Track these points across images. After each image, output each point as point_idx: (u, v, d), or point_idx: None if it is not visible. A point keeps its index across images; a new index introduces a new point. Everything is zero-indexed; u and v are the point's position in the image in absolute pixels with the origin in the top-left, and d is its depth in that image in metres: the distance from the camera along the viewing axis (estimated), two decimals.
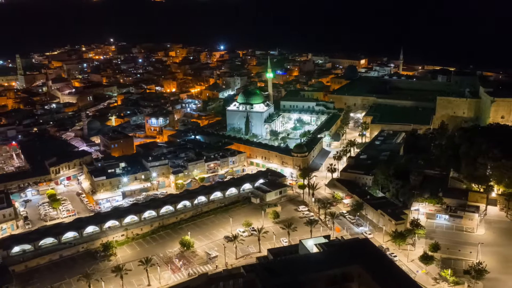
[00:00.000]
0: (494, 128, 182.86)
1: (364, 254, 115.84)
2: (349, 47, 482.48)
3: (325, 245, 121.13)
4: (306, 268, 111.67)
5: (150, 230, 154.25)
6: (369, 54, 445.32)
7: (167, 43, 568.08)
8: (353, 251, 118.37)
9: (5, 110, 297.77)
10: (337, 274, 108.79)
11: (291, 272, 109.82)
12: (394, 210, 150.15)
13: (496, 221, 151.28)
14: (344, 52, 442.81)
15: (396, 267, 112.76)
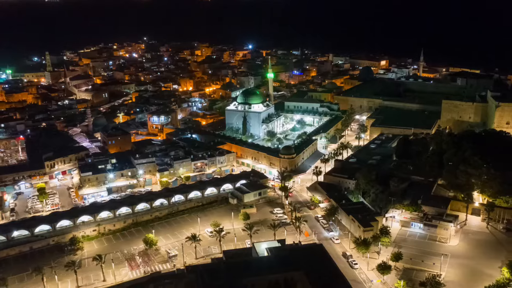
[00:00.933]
0: (485, 134, 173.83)
1: (311, 261, 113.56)
2: (375, 48, 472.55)
3: (276, 250, 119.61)
4: (249, 271, 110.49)
5: (123, 226, 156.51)
6: (394, 55, 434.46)
7: (194, 42, 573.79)
8: (302, 257, 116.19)
9: (24, 105, 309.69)
10: (280, 280, 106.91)
11: (232, 275, 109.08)
12: (366, 216, 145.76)
13: (475, 232, 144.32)
14: (366, 53, 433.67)
15: (340, 276, 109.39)
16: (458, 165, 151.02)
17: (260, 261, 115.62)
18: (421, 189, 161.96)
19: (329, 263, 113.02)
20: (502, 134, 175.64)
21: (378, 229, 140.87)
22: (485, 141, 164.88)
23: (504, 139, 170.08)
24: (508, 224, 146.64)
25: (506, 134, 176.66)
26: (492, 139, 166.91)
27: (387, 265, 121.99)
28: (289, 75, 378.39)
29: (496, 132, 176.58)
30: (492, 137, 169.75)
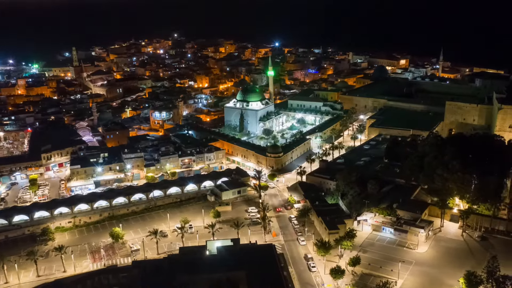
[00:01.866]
0: (476, 138, 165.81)
1: (257, 262, 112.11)
2: (400, 46, 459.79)
3: (225, 249, 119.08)
4: (194, 269, 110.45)
5: (98, 219, 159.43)
6: (418, 54, 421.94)
7: (220, 39, 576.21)
8: (248, 257, 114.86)
9: (40, 98, 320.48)
10: (222, 279, 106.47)
11: (177, 271, 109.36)
12: (334, 219, 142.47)
13: (448, 240, 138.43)
14: (390, 52, 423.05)
15: (281, 278, 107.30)
16: (435, 169, 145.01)
17: (207, 260, 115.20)
18: (403, 192, 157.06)
19: (273, 265, 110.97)
20: (493, 138, 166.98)
21: (344, 232, 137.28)
22: (474, 145, 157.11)
23: (495, 144, 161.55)
24: (486, 232, 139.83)
25: (498, 138, 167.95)
26: (481, 143, 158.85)
27: (340, 270, 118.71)
28: (304, 73, 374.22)
29: (487, 136, 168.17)
30: (482, 141, 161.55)
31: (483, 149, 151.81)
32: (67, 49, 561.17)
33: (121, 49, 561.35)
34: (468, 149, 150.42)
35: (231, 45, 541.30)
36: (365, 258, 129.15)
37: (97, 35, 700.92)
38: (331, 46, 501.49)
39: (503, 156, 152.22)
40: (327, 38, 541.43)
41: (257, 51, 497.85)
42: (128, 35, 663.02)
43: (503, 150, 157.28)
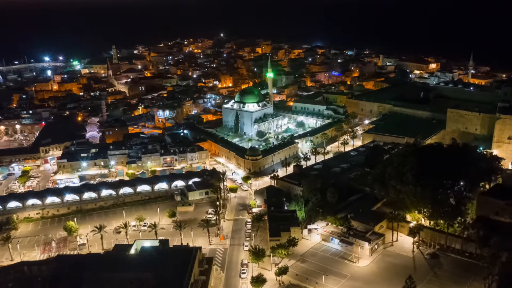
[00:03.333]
0: (456, 149, 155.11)
1: (172, 264, 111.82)
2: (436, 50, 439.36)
3: (147, 249, 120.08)
4: (109, 267, 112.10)
5: (66, 212, 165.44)
6: (453, 59, 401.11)
7: (259, 39, 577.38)
8: (166, 259, 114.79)
9: (65, 94, 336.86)
10: (133, 279, 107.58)
11: (92, 268, 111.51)
12: (280, 226, 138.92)
13: (396, 255, 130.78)
14: (426, 55, 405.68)
15: (181, 282, 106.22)
16: (390, 180, 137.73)
17: (125, 259, 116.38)
18: (369, 202, 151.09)
19: (184, 268, 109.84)
20: (470, 151, 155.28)
21: (286, 239, 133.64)
22: (444, 157, 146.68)
23: (468, 157, 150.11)
24: (440, 250, 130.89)
25: (481, 151, 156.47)
26: (454, 155, 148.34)
27: (261, 278, 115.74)
28: (328, 76, 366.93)
29: (465, 148, 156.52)
30: (456, 153, 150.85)
31: (452, 162, 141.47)
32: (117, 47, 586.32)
33: (162, 48, 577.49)
34: (436, 161, 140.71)
35: (267, 45, 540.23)
36: (300, 268, 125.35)
37: (147, 34, 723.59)
38: (369, 48, 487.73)
39: (474, 171, 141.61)
40: (364, 40, 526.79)
41: (291, 52, 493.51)
42: (176, 35, 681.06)
43: (476, 164, 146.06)
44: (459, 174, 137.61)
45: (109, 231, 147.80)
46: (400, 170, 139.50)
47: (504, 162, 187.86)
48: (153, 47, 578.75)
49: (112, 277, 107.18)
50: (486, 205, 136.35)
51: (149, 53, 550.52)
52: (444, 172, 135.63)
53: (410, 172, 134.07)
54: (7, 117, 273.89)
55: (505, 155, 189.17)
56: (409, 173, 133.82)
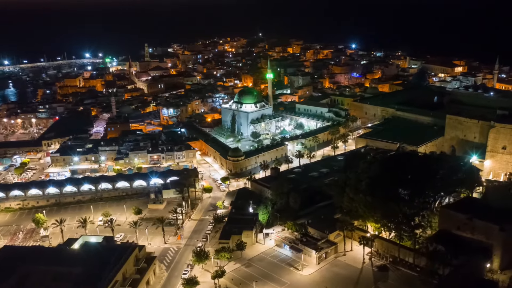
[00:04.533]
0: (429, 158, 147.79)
1: (104, 261, 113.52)
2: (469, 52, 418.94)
3: (90, 245, 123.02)
4: (46, 261, 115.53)
5: (45, 204, 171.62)
6: (486, 61, 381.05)
7: (292, 39, 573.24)
8: (101, 255, 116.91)
9: (88, 90, 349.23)
10: (63, 273, 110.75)
11: (31, 261, 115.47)
12: (233, 229, 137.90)
13: (345, 265, 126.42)
14: (451, 57, 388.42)
15: (104, 277, 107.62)
16: (345, 188, 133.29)
17: (62, 253, 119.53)
18: (334, 209, 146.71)
19: (117, 266, 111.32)
20: (449, 160, 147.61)
21: (235, 243, 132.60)
22: (419, 166, 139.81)
23: (433, 167, 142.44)
24: (393, 262, 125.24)
25: (457, 162, 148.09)
26: (429, 165, 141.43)
27: (194, 280, 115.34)
28: (348, 77, 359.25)
29: (442, 157, 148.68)
30: (434, 162, 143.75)
31: (418, 172, 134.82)
32: (154, 45, 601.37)
33: (197, 47, 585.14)
34: (399, 170, 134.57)
35: (298, 45, 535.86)
36: (242, 273, 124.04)
37: (188, 33, 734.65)
38: (401, 50, 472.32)
39: (441, 182, 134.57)
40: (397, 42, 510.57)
41: (320, 52, 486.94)
42: (215, 34, 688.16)
43: (449, 175, 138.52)
44: (421, 185, 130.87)
45: (76, 224, 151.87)
46: (359, 178, 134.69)
47: (496, 173, 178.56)
48: (188, 46, 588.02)
49: (43, 270, 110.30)
50: (448, 219, 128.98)
51: (183, 52, 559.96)
52: (404, 182, 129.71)
53: (365, 180, 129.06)
54: (25, 111, 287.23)
55: (499, 166, 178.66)
56: (364, 181, 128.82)
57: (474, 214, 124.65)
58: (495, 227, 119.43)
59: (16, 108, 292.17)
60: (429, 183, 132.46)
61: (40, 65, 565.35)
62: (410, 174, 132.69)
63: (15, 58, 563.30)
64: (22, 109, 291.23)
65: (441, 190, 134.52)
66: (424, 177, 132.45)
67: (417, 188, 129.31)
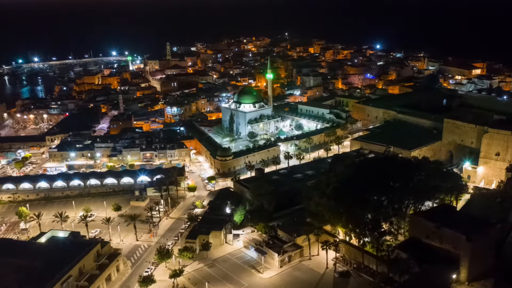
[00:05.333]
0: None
1: (61, 255, 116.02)
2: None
3: (55, 240, 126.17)
4: (9, 253, 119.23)
5: (35, 198, 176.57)
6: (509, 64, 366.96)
7: (314, 39, 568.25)
8: (61, 250, 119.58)
9: (103, 87, 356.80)
10: (22, 266, 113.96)
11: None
12: (202, 228, 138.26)
13: (307, 270, 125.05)
14: (472, 59, 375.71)
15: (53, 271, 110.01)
16: (313, 192, 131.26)
17: (26, 246, 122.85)
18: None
19: (73, 261, 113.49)
20: (428, 166, 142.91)
21: (200, 243, 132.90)
22: (395, 171, 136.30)
23: (427, 172, 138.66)
24: (357, 269, 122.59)
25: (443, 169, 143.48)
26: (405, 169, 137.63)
27: (150, 279, 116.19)
28: (362, 78, 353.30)
29: (421, 163, 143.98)
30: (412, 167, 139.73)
31: (392, 177, 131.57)
32: (180, 44, 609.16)
33: (220, 46, 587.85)
34: (372, 174, 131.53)
35: (319, 45, 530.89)
36: (204, 273, 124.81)
37: (217, 33, 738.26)
38: (424, 51, 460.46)
39: (408, 188, 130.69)
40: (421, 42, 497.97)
41: (340, 52, 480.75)
42: (244, 33, 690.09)
43: (416, 182, 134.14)
44: (391, 191, 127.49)
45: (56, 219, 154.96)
46: (328, 182, 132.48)
47: (489, 181, 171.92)
48: (212, 45, 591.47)
49: (6, 261, 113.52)
50: (418, 227, 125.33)
51: (205, 51, 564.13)
52: (372, 187, 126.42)
53: (333, 184, 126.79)
54: (38, 107, 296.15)
55: (492, 173, 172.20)
56: (332, 185, 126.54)
57: (444, 222, 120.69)
58: (462, 237, 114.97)
59: (30, 104, 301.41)
60: (401, 189, 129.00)
61: (68, 63, 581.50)
62: (382, 179, 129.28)
63: (43, 55, 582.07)
64: (35, 105, 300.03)
65: (414, 197, 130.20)
66: (396, 183, 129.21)
67: (386, 194, 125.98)
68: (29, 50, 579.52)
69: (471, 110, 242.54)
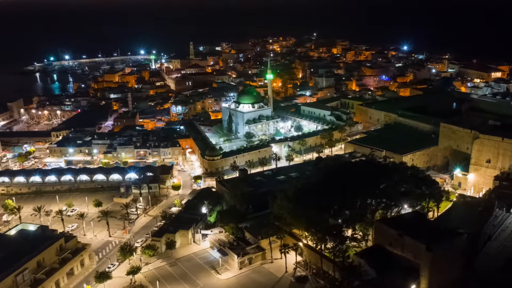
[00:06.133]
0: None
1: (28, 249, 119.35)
2: None
3: (23, 232, 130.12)
4: None
5: (26, 191, 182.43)
6: None
7: (338, 40, 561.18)
8: (30, 243, 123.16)
9: (119, 85, 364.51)
10: None
11: None
12: (170, 228, 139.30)
13: (266, 273, 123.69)
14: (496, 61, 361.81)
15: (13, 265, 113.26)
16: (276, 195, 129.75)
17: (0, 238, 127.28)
18: None
19: (32, 254, 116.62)
20: (403, 171, 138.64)
21: (165, 241, 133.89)
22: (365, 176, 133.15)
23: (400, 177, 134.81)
24: (316, 274, 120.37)
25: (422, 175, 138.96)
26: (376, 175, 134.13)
27: (105, 274, 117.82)
28: (377, 80, 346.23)
29: (396, 168, 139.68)
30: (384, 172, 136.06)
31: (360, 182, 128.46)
32: (208, 43, 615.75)
33: (245, 46, 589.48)
34: (340, 179, 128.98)
35: (342, 46, 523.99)
36: (164, 271, 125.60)
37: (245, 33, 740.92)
38: (449, 53, 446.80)
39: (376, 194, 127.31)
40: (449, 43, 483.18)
41: (360, 53, 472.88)
42: (276, 33, 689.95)
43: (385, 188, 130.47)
44: (355, 196, 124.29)
45: None
46: (296, 184, 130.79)
47: (479, 188, 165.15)
48: (237, 45, 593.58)
49: None
50: (382, 234, 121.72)
51: (230, 50, 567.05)
52: (335, 191, 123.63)
53: (299, 186, 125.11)
54: (53, 103, 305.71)
55: (483, 181, 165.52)
56: (293, 188, 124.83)
57: (406, 230, 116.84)
58: (422, 246, 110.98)
59: (45, 100, 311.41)
60: (366, 194, 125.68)
61: (97, 61, 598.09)
62: (349, 183, 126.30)
63: (73, 54, 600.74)
64: (50, 101, 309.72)
65: (379, 203, 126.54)
66: (363, 188, 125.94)
67: (348, 199, 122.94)
68: (60, 48, 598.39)
69: (481, 115, 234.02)
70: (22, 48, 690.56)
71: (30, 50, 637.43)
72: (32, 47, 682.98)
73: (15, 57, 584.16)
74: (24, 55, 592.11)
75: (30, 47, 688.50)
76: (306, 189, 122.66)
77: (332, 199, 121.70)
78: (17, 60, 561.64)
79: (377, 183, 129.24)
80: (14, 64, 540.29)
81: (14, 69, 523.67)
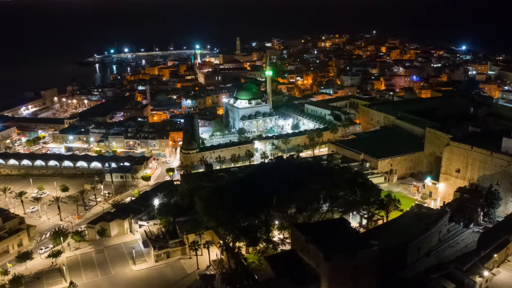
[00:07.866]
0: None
1: None
2: None
3: None
4: None
5: (16, 173, 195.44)
6: None
7: (390, 38, 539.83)
8: None
9: (150, 78, 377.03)
10: None
11: None
12: (106, 216, 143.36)
13: (179, 268, 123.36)
14: None
15: None
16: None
17: None
18: None
19: None
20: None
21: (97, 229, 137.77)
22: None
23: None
24: (226, 274, 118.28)
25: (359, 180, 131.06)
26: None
27: (26, 255, 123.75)
28: (408, 80, 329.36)
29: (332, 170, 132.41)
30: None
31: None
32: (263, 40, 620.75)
33: (295, 42, 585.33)
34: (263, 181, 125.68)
35: (391, 45, 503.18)
36: (87, 256, 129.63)
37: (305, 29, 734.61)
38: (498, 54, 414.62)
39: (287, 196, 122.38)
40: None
41: (406, 52, 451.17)
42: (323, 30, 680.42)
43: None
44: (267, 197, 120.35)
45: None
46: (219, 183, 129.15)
47: (449, 199, 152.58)
48: (287, 41, 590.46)
49: None
50: (295, 238, 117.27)
51: (279, 47, 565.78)
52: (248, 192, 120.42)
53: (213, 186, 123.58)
54: (82, 93, 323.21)
55: (452, 191, 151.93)
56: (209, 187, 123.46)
57: (319, 237, 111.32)
58: (321, 254, 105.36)
59: (77, 90, 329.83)
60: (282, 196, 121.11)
61: (153, 54, 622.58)
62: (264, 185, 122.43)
63: (132, 46, 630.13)
64: (80, 91, 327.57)
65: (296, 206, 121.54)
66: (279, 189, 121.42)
67: (258, 200, 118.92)
68: (118, 41, 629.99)
69: (499, 121, 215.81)
70: (94, 40, 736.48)
71: (97, 43, 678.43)
72: (97, 39, 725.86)
73: (80, 48, 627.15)
74: (91, 47, 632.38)
75: (97, 40, 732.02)
76: (218, 189, 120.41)
77: (245, 199, 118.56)
78: (81, 51, 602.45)
79: (300, 185, 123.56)
80: (77, 55, 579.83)
81: (75, 59, 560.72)
